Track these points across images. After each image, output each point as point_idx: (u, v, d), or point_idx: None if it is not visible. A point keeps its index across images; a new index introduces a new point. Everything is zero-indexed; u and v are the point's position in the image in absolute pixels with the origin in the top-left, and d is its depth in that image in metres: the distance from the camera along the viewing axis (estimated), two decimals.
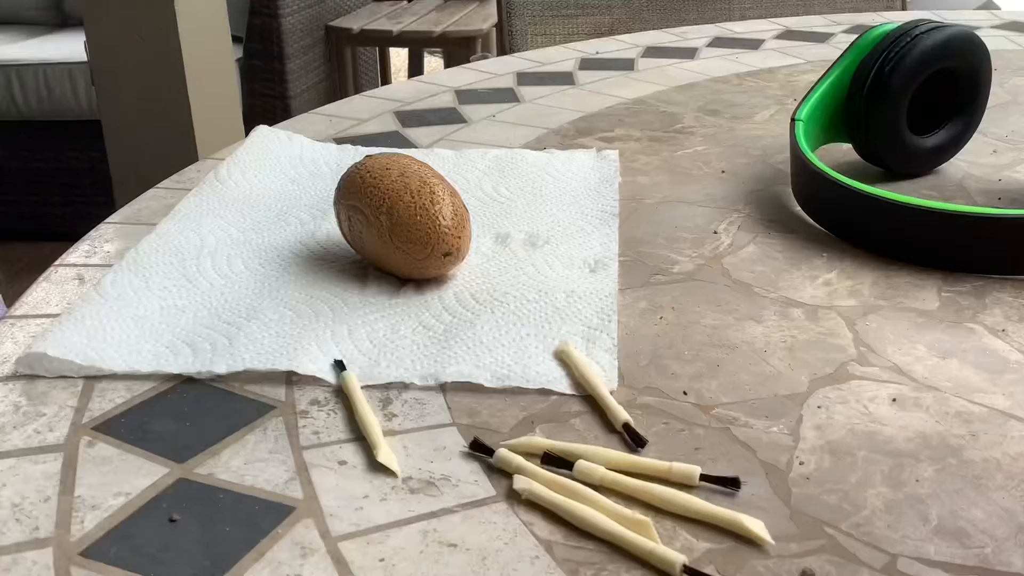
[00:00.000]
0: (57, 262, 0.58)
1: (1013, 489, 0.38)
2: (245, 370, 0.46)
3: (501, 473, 0.39)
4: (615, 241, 0.60)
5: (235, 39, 2.40)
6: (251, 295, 0.52)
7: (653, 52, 1.11)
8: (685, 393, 0.44)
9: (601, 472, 0.39)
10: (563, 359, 0.47)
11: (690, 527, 0.36)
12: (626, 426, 0.42)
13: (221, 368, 0.46)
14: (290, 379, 0.46)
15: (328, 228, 0.61)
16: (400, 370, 0.46)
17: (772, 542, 0.35)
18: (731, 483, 0.38)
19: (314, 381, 0.46)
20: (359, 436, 0.42)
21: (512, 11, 1.43)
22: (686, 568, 0.34)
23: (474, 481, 0.39)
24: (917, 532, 0.36)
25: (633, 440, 0.41)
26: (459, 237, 0.53)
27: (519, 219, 0.63)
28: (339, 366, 0.46)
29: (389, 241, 0.52)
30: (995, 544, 0.35)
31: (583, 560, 0.35)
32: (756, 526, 0.36)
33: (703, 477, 0.38)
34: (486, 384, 0.45)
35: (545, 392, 0.45)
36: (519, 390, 0.45)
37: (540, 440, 0.41)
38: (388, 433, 0.42)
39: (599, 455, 0.40)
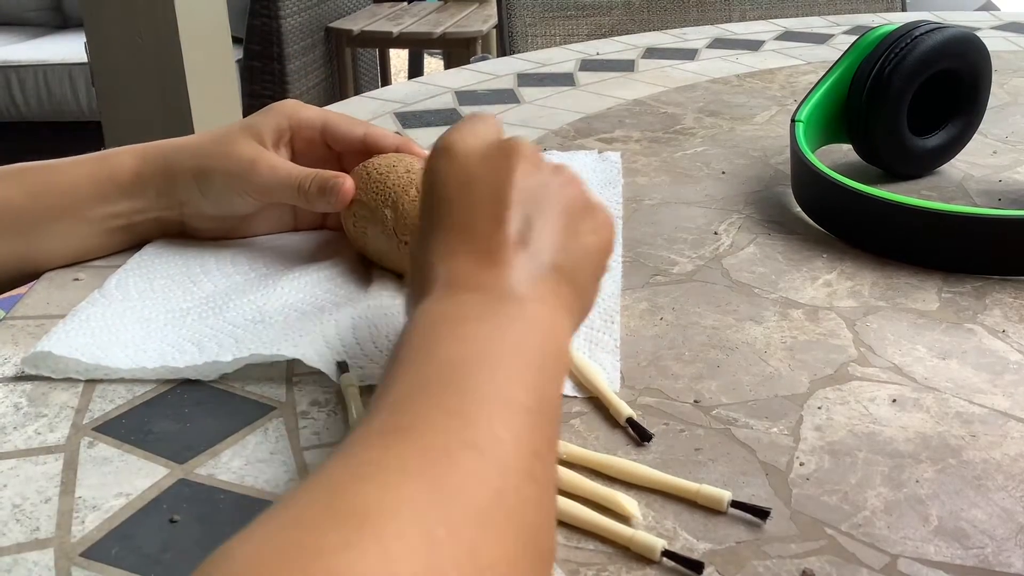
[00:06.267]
0: None
1: (1013, 490, 0.38)
2: (249, 364, 0.45)
3: None
4: (617, 243, 0.59)
5: (235, 40, 2.40)
6: (255, 296, 0.52)
7: (653, 53, 1.11)
8: (697, 401, 0.44)
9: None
10: None
11: (691, 527, 0.36)
12: (630, 420, 0.42)
13: (228, 357, 0.45)
14: (291, 380, 0.46)
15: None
16: None
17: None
18: (760, 513, 0.37)
19: (315, 382, 0.46)
20: None
21: (512, 12, 1.43)
22: (666, 552, 0.34)
23: None
24: (917, 533, 0.36)
25: (638, 434, 0.41)
26: None
27: None
28: (341, 367, 0.46)
29: (394, 235, 0.52)
30: (995, 544, 0.35)
31: (583, 560, 0.35)
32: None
33: (734, 504, 0.37)
34: None
35: None
36: None
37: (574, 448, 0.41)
38: None
39: (626, 470, 0.39)
